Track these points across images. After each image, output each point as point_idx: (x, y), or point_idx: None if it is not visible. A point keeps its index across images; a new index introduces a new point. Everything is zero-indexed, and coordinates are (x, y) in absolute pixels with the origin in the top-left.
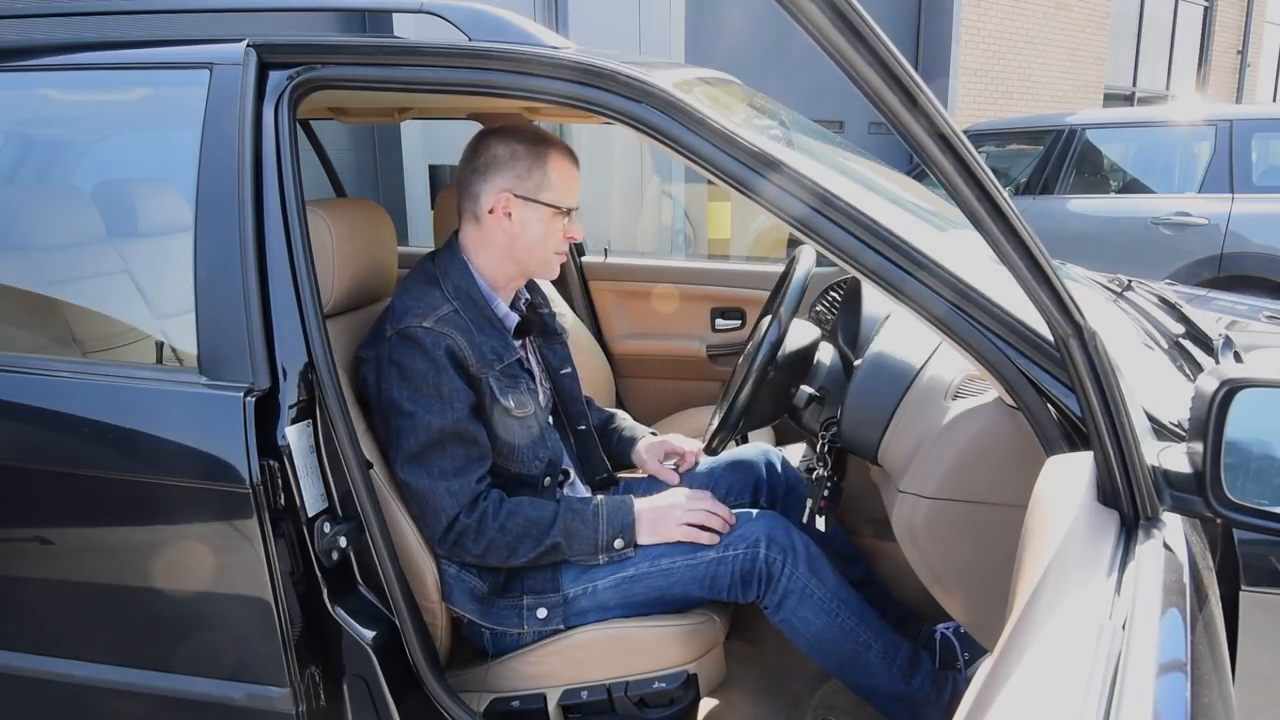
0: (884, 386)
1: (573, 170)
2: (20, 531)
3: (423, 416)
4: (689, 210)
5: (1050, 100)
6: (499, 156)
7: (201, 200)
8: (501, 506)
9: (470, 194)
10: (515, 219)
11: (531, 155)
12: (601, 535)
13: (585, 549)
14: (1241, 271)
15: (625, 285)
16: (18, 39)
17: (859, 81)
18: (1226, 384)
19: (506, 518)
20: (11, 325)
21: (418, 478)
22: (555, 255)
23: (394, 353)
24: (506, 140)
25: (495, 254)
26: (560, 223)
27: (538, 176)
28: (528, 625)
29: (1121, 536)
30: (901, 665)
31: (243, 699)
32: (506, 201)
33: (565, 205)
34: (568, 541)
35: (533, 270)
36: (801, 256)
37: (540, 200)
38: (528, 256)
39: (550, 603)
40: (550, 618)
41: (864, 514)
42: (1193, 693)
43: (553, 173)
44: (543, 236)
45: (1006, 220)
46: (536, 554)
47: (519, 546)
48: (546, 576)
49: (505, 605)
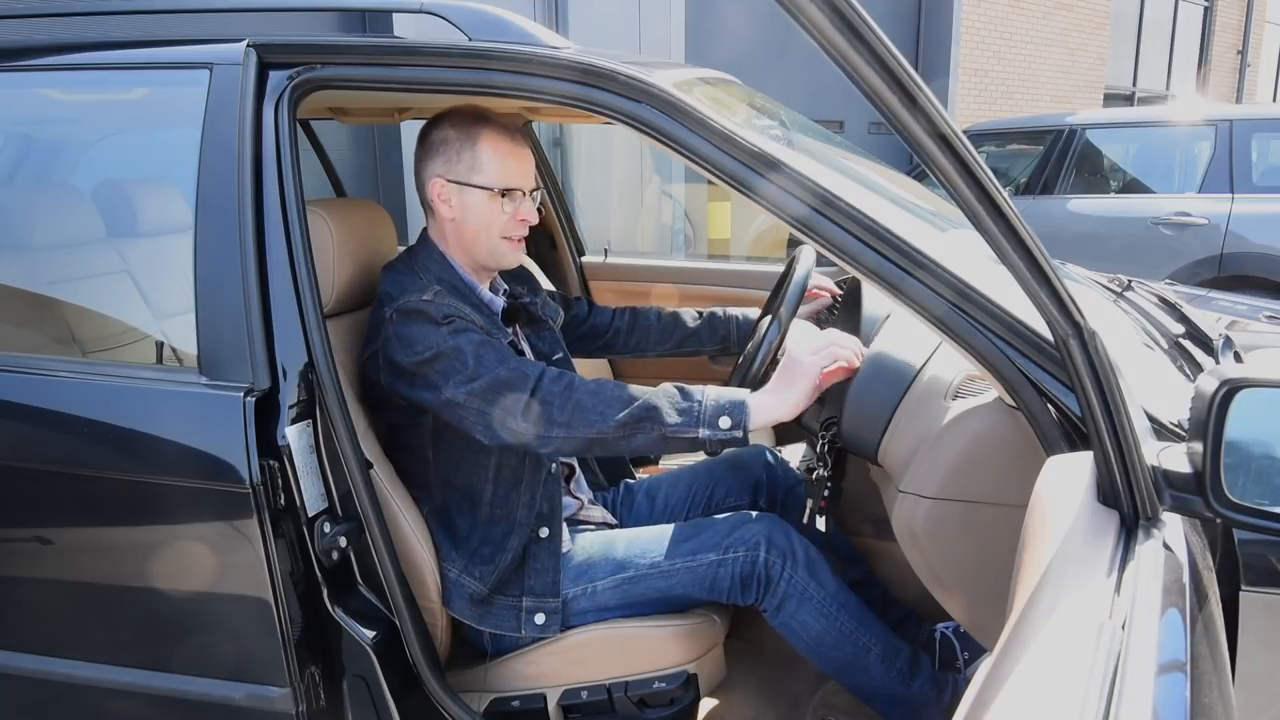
0: (884, 386)
1: (509, 147)
2: (20, 531)
3: (447, 347)
4: (689, 210)
5: (1050, 100)
6: (433, 142)
7: (201, 200)
8: (588, 380)
9: (418, 181)
10: (455, 205)
11: (462, 137)
12: (705, 410)
13: (686, 421)
14: (1241, 271)
15: (625, 285)
16: (18, 39)
17: (859, 81)
18: (1226, 384)
19: (596, 385)
20: (11, 325)
21: (478, 384)
22: (505, 242)
23: (399, 329)
24: (440, 125)
25: (451, 241)
26: (501, 205)
27: (468, 159)
28: (525, 630)
29: (1121, 536)
30: (901, 668)
31: (243, 699)
32: (440, 187)
33: (500, 186)
34: (666, 410)
35: (482, 259)
36: (801, 256)
37: (472, 184)
38: (474, 244)
39: (549, 608)
40: (548, 624)
41: (864, 514)
42: (1192, 693)
43: (484, 153)
44: (485, 222)
45: (1006, 220)
46: (629, 417)
47: (609, 410)
48: (547, 578)
49: (503, 607)
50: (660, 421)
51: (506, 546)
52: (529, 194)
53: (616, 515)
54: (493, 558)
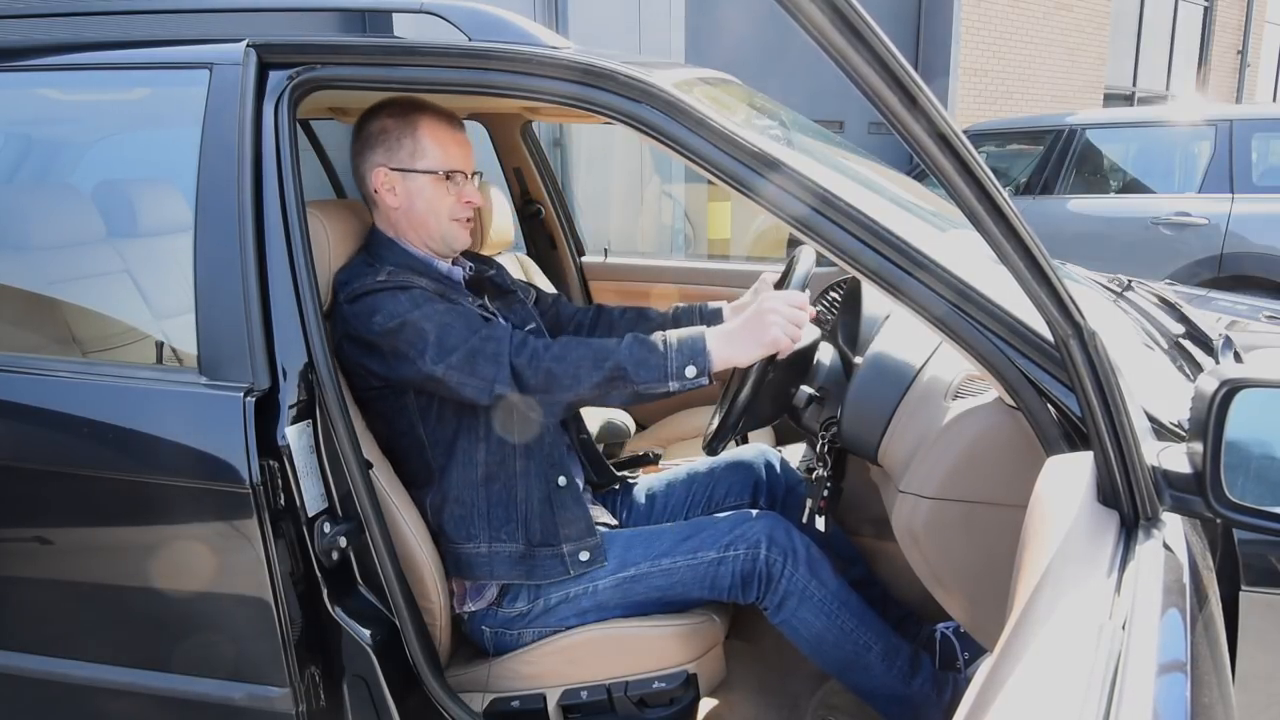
0: (884, 387)
1: (448, 132)
2: (20, 531)
3: (414, 315)
4: (689, 210)
5: (1050, 100)
6: (370, 133)
7: (201, 200)
8: (554, 344)
9: (358, 177)
10: (400, 193)
11: (401, 125)
12: (671, 362)
13: (654, 375)
14: (1241, 271)
15: (625, 285)
16: (18, 39)
17: (859, 81)
18: (1226, 384)
19: (562, 349)
20: (11, 325)
21: (451, 355)
22: (454, 223)
23: (356, 309)
24: (377, 116)
25: (402, 229)
26: (447, 188)
27: (409, 145)
28: (573, 569)
29: (1121, 536)
30: (902, 667)
31: (243, 699)
32: (383, 176)
33: (444, 169)
34: (634, 368)
35: (435, 244)
36: (801, 256)
37: (416, 169)
38: (424, 229)
39: (591, 545)
40: (593, 558)
41: (864, 514)
42: (1192, 693)
43: (424, 138)
44: (432, 205)
45: (1006, 220)
46: (600, 378)
47: (580, 372)
48: (580, 524)
49: (546, 557)
50: (631, 380)
51: (518, 498)
52: (470, 176)
53: (616, 515)
54: (510, 515)
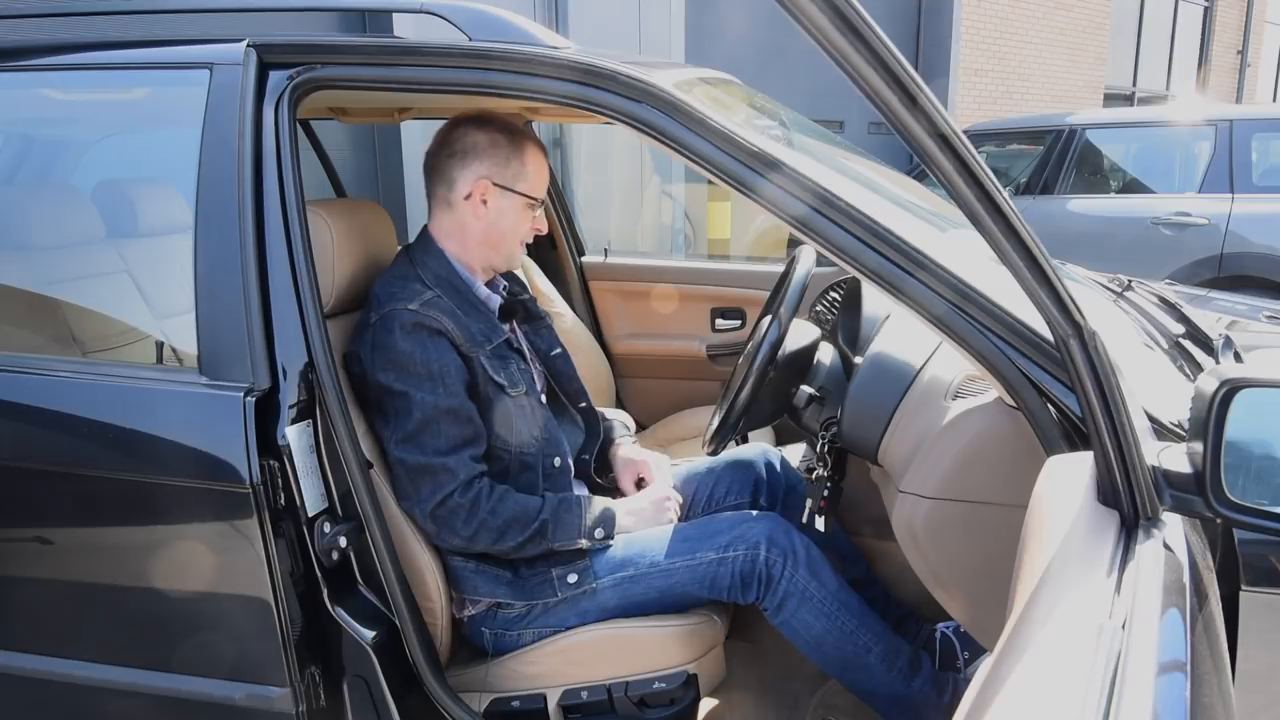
0: (884, 386)
1: (545, 164)
2: (20, 531)
3: (415, 395)
4: (689, 210)
5: (1050, 100)
6: (479, 143)
7: (202, 200)
8: (494, 490)
9: (445, 179)
10: (491, 207)
11: (510, 145)
12: (585, 522)
13: (569, 534)
14: (1241, 271)
15: (625, 285)
16: (18, 39)
17: (859, 81)
18: (1226, 384)
19: (498, 501)
20: (11, 325)
21: (411, 455)
22: (520, 246)
23: (379, 337)
24: (485, 128)
25: (468, 241)
26: (530, 214)
27: (515, 166)
28: (561, 591)
29: (1121, 536)
30: (902, 668)
31: (243, 699)
32: (485, 188)
33: (538, 196)
34: (554, 527)
35: (497, 260)
36: (801, 256)
37: (516, 190)
38: (499, 244)
39: (579, 567)
40: (581, 580)
41: (864, 514)
42: (1192, 692)
43: (529, 164)
44: (514, 226)
45: (1006, 220)
46: (524, 538)
47: (508, 530)
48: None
49: (534, 577)
50: (548, 536)
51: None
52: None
53: None
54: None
